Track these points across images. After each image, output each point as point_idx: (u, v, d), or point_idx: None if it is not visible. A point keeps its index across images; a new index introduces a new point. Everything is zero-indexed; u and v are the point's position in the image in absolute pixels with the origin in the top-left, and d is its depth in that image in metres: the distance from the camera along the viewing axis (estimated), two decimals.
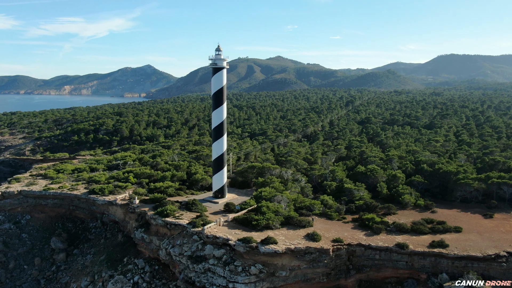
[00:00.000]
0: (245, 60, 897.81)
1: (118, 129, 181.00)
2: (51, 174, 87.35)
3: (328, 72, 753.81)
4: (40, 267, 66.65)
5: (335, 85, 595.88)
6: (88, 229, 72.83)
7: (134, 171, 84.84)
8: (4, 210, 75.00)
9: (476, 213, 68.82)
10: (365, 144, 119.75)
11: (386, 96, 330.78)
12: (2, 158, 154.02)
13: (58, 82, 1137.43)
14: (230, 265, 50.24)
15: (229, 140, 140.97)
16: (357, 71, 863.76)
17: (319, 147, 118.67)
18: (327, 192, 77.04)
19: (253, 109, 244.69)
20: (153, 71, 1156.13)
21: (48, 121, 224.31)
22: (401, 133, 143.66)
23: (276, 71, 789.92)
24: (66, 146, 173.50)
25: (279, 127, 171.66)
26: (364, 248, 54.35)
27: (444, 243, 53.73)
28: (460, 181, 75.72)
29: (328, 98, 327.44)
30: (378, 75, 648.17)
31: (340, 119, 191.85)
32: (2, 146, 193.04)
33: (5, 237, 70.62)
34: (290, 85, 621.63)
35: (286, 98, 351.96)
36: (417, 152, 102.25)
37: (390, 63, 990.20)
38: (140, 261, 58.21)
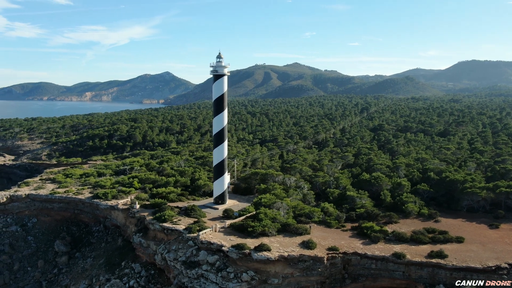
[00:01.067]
0: (262, 66, 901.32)
1: (131, 135, 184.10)
2: (59, 178, 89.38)
3: (345, 79, 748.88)
4: (43, 269, 68.14)
5: (352, 91, 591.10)
6: (91, 232, 74.13)
7: (139, 177, 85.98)
8: (12, 213, 77.10)
9: (481, 223, 66.90)
10: (374, 152, 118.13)
11: (403, 103, 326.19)
12: (19, 163, 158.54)
13: (80, 88, 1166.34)
14: (223, 271, 50.22)
15: (239, 146, 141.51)
16: (375, 77, 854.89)
17: (327, 154, 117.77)
18: (330, 200, 76.22)
19: (266, 116, 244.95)
20: (172, 77, 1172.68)
21: (65, 127, 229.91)
22: (413, 140, 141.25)
23: (292, 77, 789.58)
24: (81, 151, 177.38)
25: (290, 133, 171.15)
26: (360, 257, 53.48)
27: (443, 253, 52.40)
28: (466, 190, 73.82)
29: (343, 104, 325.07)
30: (396, 81, 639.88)
31: (352, 126, 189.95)
32: (21, 150, 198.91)
33: (12, 239, 72.55)
34: (306, 92, 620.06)
35: (301, 104, 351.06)
36: (426, 160, 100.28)
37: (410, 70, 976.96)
38: (137, 266, 58.85)
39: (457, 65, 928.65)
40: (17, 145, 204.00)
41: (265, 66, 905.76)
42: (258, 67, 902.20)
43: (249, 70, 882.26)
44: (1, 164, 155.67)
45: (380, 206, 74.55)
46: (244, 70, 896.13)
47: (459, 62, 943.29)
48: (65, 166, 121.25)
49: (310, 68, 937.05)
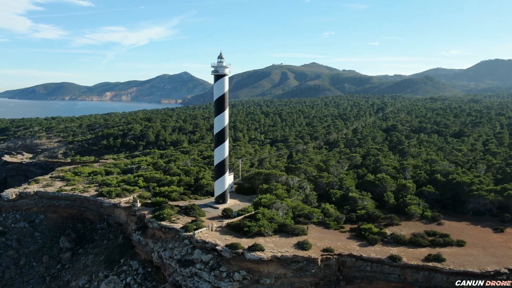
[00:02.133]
0: (279, 66, 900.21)
1: (144, 134, 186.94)
2: (68, 176, 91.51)
3: (363, 79, 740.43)
4: (47, 264, 69.97)
5: (370, 91, 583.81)
6: (95, 230, 75.69)
7: (145, 175, 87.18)
8: (21, 209, 79.42)
9: (486, 226, 65.19)
10: (383, 152, 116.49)
11: (420, 103, 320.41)
12: (35, 161, 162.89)
13: (100, 88, 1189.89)
14: (216, 270, 50.51)
15: (248, 146, 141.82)
16: (394, 77, 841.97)
17: (335, 155, 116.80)
18: (332, 201, 75.59)
19: (279, 116, 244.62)
20: (190, 78, 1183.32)
21: (82, 126, 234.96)
22: (426, 141, 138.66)
23: (310, 77, 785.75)
24: (96, 150, 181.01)
25: (301, 134, 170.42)
26: (355, 258, 52.91)
27: (441, 257, 51.31)
28: (473, 193, 72.05)
29: (358, 105, 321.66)
30: (415, 81, 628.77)
31: (365, 126, 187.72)
32: (39, 149, 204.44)
33: (19, 235, 74.74)
34: (323, 92, 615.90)
35: (316, 104, 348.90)
36: (435, 161, 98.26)
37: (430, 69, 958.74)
38: (135, 263, 59.78)
39: (480, 64, 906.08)
40: (35, 144, 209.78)
41: (282, 66, 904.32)
42: (275, 67, 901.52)
43: (266, 70, 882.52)
44: (19, 162, 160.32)
45: (383, 208, 73.51)
46: (261, 70, 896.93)
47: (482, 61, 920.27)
48: (78, 164, 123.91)
49: (328, 68, 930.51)
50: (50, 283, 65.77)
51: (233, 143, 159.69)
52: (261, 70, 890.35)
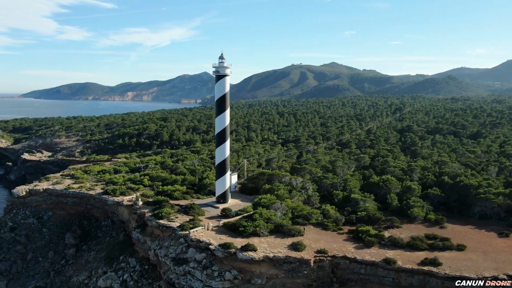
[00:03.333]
0: (298, 66, 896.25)
1: (159, 133, 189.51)
2: (77, 174, 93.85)
3: (384, 78, 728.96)
4: (52, 260, 71.96)
5: (390, 91, 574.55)
6: (100, 227, 77.39)
7: (150, 174, 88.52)
8: (30, 206, 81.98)
9: (492, 231, 63.26)
10: (394, 154, 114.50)
11: (440, 103, 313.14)
12: (52, 159, 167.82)
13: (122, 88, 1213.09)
14: (208, 269, 50.87)
15: (258, 146, 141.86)
16: (416, 77, 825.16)
17: (344, 156, 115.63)
18: (334, 202, 74.89)
19: (294, 116, 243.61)
20: (209, 78, 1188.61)
21: (100, 125, 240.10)
22: (440, 142, 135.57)
23: (329, 77, 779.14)
24: (111, 149, 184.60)
25: (314, 134, 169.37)
26: (349, 261, 52.30)
27: (437, 261, 50.15)
28: (480, 196, 70.00)
29: (376, 105, 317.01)
30: (437, 81, 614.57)
31: (379, 127, 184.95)
32: (58, 147, 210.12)
33: (28, 230, 77.17)
34: (342, 92, 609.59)
35: (334, 105, 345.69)
36: (446, 163, 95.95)
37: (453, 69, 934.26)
38: (133, 260, 60.83)
39: (506, 63, 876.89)
40: (55, 142, 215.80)
41: (301, 66, 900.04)
42: (294, 67, 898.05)
43: (285, 70, 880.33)
44: (37, 160, 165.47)
45: (386, 210, 72.46)
46: (280, 70, 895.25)
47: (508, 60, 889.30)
48: (91, 163, 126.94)
49: (348, 68, 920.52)
50: (54, 278, 67.65)
51: (245, 143, 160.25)
52: (280, 70, 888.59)
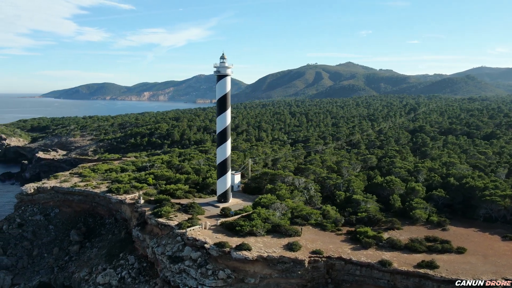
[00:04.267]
0: (313, 66, 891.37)
1: (170, 133, 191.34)
2: (85, 173, 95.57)
3: (400, 78, 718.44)
4: (57, 256, 73.54)
5: (406, 91, 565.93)
6: (104, 224, 78.70)
7: (155, 173, 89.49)
8: (38, 203, 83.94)
9: (495, 234, 61.80)
10: (402, 154, 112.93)
11: (456, 103, 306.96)
12: (66, 157, 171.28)
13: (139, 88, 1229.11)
14: (202, 268, 51.19)
15: (266, 146, 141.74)
16: (434, 76, 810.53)
17: (352, 156, 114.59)
18: (336, 202, 74.37)
19: (306, 116, 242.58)
20: None
21: (114, 125, 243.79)
22: (451, 143, 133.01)
23: (344, 77, 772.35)
24: (123, 148, 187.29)
25: (324, 134, 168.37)
26: (344, 262, 51.85)
27: (434, 264, 49.27)
28: (485, 198, 68.45)
29: (391, 105, 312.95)
30: (455, 81, 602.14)
31: (391, 127, 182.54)
32: (73, 146, 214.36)
33: (35, 227, 79.03)
34: (357, 92, 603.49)
35: (348, 105, 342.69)
36: (454, 164, 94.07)
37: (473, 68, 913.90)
38: (131, 258, 61.66)
39: None
40: (69, 141, 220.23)
41: (316, 65, 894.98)
42: (310, 66, 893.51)
43: (300, 70, 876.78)
44: (51, 159, 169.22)
45: (389, 211, 71.55)
46: (295, 70, 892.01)
47: None
48: (101, 161, 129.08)
49: (364, 68, 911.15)
50: (57, 273, 69.12)
51: (255, 142, 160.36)
52: (295, 70, 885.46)
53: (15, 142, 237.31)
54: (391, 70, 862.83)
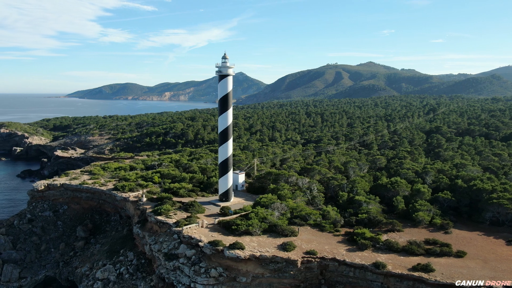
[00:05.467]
0: (333, 66, 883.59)
1: (184, 132, 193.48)
2: (95, 171, 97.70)
3: (422, 78, 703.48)
4: (63, 251, 75.51)
5: (428, 91, 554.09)
6: (109, 221, 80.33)
7: (162, 172, 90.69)
8: (48, 200, 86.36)
9: (500, 238, 59.94)
10: (413, 155, 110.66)
11: (478, 103, 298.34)
12: (82, 156, 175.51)
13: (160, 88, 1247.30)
14: (196, 266, 51.63)
15: (276, 146, 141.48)
16: (458, 76, 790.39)
17: (361, 157, 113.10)
18: (339, 203, 73.68)
19: (321, 116, 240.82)
20: (245, 78, 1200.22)
21: (131, 124, 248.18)
22: (466, 144, 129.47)
23: (365, 77, 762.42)
24: (139, 147, 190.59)
25: (337, 134, 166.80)
26: (338, 263, 51.30)
27: (429, 267, 48.17)
28: (492, 201, 66.39)
29: (410, 105, 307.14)
30: (480, 80, 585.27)
31: (407, 128, 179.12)
32: (91, 145, 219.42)
33: (44, 223, 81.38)
34: (377, 92, 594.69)
35: (366, 105, 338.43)
36: (465, 166, 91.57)
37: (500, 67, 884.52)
38: (131, 254, 62.74)
39: None
40: (88, 140, 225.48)
41: (337, 65, 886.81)
42: (330, 66, 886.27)
43: (320, 70, 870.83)
44: (68, 157, 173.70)
45: (392, 213, 70.43)
46: (315, 70, 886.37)
47: None
48: (113, 160, 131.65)
49: (385, 67, 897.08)
50: (62, 268, 71.01)
51: (268, 142, 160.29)
52: (315, 70, 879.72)
53: (37, 140, 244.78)
54: (413, 70, 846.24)
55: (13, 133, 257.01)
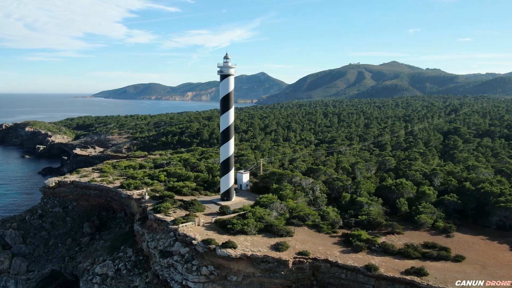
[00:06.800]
0: (355, 66, 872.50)
1: (200, 132, 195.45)
2: (105, 169, 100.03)
3: (447, 78, 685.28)
4: (69, 246, 77.72)
5: (453, 91, 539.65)
6: (115, 218, 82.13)
7: (168, 170, 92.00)
8: (59, 196, 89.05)
9: (505, 243, 57.79)
10: (425, 157, 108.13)
11: (504, 104, 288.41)
12: (100, 154, 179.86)
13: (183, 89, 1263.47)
14: (188, 263, 52.16)
15: (287, 146, 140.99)
16: (485, 76, 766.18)
17: (372, 158, 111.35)
18: (341, 204, 72.87)
19: (338, 116, 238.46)
20: (266, 78, 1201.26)
21: (149, 124, 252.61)
22: (484, 146, 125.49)
23: (388, 77, 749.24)
24: (155, 146, 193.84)
25: (351, 135, 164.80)
26: (330, 264, 50.74)
27: (423, 271, 46.98)
28: (499, 205, 64.11)
29: (432, 105, 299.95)
30: (509, 80, 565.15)
31: (424, 129, 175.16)
32: (110, 144, 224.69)
33: (53, 218, 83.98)
34: (400, 92, 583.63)
35: (386, 105, 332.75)
36: (477, 168, 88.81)
37: None
38: (130, 251, 63.92)
39: None
40: (107, 139, 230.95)
41: (359, 65, 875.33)
42: (352, 66, 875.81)
43: (341, 70, 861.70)
44: (86, 155, 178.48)
45: (395, 215, 69.10)
46: (337, 70, 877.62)
47: None
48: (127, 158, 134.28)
49: (410, 67, 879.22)
50: (67, 263, 73.14)
51: (282, 142, 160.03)
52: (337, 70, 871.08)
53: (59, 139, 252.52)
54: (438, 70, 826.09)
55: (37, 131, 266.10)
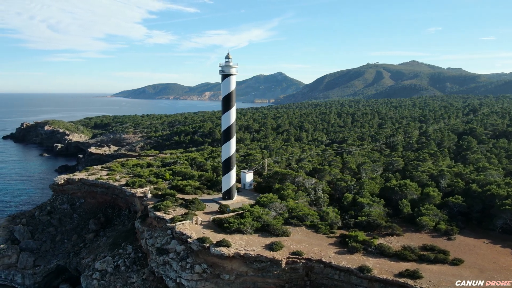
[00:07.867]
0: (374, 65, 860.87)
1: (212, 131, 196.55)
2: (113, 167, 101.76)
3: (469, 78, 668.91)
4: (74, 242, 79.38)
5: (475, 91, 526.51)
6: (120, 215, 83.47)
7: (174, 169, 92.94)
8: (67, 193, 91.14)
9: (508, 247, 56.23)
10: (435, 158, 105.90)
11: None
12: (113, 153, 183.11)
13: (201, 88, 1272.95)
14: (183, 261, 52.63)
15: (296, 146, 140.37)
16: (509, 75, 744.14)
17: (381, 158, 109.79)
18: (343, 205, 72.18)
19: (352, 117, 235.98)
20: (284, 78, 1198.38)
21: (164, 123, 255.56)
22: (499, 147, 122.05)
23: (407, 76, 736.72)
24: (168, 145, 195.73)
25: (363, 135, 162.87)
26: (323, 265, 50.35)
27: (417, 273, 46.16)
28: (505, 207, 62.33)
29: (450, 106, 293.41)
30: None
31: (439, 129, 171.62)
32: (125, 142, 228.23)
33: (61, 215, 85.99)
34: (419, 92, 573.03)
35: (403, 105, 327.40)
36: (486, 169, 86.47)
37: None
38: (129, 247, 64.89)
39: None
40: (122, 138, 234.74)
41: (377, 65, 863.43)
42: (370, 66, 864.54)
43: (359, 70, 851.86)
44: (100, 154, 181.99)
45: (397, 217, 68.05)
46: (355, 69, 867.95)
47: None
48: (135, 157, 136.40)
49: (430, 66, 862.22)
50: (72, 258, 74.75)
51: (293, 142, 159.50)
52: (354, 70, 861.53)
53: (77, 137, 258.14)
54: (460, 69, 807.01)
55: (56, 130, 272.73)
